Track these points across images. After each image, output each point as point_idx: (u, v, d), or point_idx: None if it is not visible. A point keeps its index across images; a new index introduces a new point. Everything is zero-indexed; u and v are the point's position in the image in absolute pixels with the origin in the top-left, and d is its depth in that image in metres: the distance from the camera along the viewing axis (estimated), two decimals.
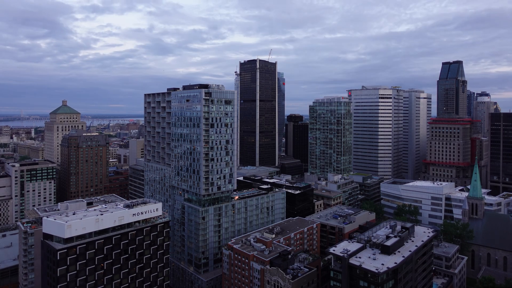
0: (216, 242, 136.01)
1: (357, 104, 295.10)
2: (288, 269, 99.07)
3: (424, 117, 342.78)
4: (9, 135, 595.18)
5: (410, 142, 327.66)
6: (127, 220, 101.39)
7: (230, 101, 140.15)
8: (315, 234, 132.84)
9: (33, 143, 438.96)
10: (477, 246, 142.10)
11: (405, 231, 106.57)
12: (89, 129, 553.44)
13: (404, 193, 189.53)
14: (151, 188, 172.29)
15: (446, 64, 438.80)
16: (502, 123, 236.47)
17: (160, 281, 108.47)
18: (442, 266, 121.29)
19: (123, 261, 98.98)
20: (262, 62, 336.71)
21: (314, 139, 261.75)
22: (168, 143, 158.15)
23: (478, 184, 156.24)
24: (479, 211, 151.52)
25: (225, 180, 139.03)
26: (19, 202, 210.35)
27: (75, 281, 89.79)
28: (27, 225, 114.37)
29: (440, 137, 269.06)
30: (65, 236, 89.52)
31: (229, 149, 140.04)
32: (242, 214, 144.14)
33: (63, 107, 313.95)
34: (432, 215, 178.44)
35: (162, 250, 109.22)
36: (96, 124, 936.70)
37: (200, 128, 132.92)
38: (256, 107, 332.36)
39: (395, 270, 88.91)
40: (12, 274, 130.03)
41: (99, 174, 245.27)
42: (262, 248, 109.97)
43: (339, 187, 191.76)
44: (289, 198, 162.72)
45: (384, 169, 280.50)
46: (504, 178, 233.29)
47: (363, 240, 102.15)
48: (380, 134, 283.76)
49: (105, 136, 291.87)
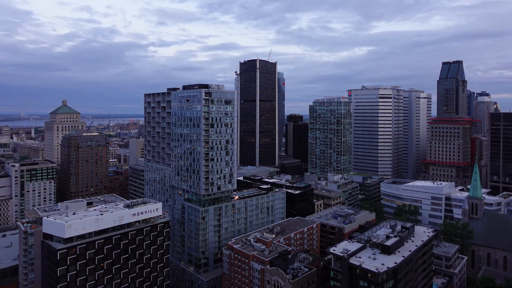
0: (216, 242, 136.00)
1: (357, 104, 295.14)
2: (288, 269, 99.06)
3: (424, 117, 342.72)
4: (9, 135, 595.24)
5: (410, 142, 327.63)
6: (127, 220, 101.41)
7: (230, 101, 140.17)
8: (315, 234, 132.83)
9: (33, 143, 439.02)
10: (477, 246, 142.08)
11: (405, 231, 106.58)
12: (89, 129, 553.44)
13: (404, 193, 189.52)
14: (151, 188, 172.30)
15: (446, 64, 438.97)
16: (502, 123, 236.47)
17: (160, 281, 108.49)
18: (442, 266, 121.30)
19: (123, 261, 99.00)
20: (262, 62, 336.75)
21: (314, 139, 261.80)
22: (168, 143, 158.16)
23: (478, 184, 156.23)
24: (479, 211, 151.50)
25: (225, 180, 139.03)
26: (19, 202, 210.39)
27: (75, 281, 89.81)
28: (27, 225, 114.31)
29: (440, 137, 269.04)
30: (65, 236, 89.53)
31: (229, 149, 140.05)
32: (242, 214, 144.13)
33: (63, 107, 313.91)
34: (432, 215, 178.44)
35: (162, 250, 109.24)
36: (96, 124, 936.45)
37: (200, 128, 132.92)
38: (256, 107, 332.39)
39: (395, 270, 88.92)
40: (12, 274, 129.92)
41: (99, 174, 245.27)
42: (262, 248, 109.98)
43: (339, 187, 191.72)
44: (289, 198, 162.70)
45: (384, 169, 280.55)
46: (504, 178, 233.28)
47: (363, 240, 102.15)
48: (380, 134, 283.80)
49: (105, 136, 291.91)
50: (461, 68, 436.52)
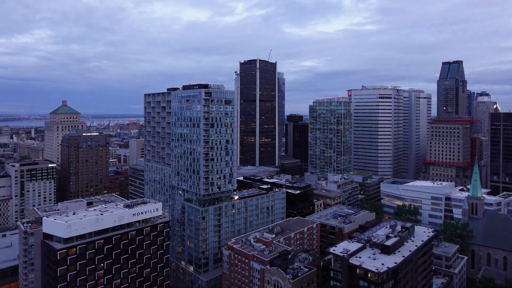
0: (216, 242, 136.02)
1: (357, 104, 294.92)
2: (288, 269, 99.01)
3: (424, 117, 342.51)
4: (9, 135, 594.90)
5: (410, 142, 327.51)
6: (127, 220, 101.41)
7: (230, 101, 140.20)
8: (315, 234, 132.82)
9: (33, 143, 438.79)
10: (477, 246, 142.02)
11: (405, 231, 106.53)
12: (89, 129, 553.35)
13: (404, 193, 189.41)
14: (151, 188, 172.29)
15: (446, 64, 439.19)
16: (502, 123, 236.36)
17: (160, 281, 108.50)
18: (442, 266, 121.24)
19: (123, 261, 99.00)
20: (262, 62, 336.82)
21: (314, 139, 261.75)
22: (168, 143, 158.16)
23: (478, 184, 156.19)
24: (479, 211, 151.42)
25: (225, 180, 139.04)
26: (19, 202, 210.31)
27: (75, 281, 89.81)
28: (27, 225, 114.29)
29: (440, 137, 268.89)
30: (65, 236, 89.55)
31: (229, 149, 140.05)
32: (242, 214, 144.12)
33: (63, 107, 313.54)
34: (432, 215, 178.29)
35: (162, 250, 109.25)
36: (96, 124, 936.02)
37: (200, 128, 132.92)
38: (256, 107, 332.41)
39: (395, 270, 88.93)
40: (12, 274, 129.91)
41: (99, 174, 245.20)
42: (262, 248, 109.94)
43: (339, 187, 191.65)
44: (289, 198, 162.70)
45: (384, 169, 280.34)
46: (504, 178, 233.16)
47: (363, 240, 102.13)
48: (380, 134, 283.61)
49: (105, 136, 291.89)
50: (461, 68, 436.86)
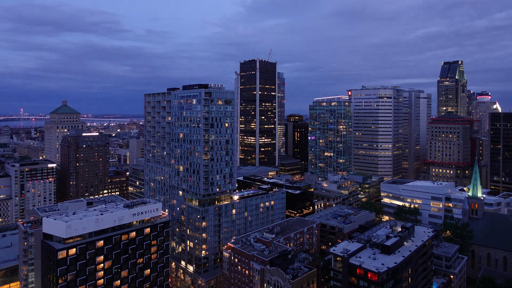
0: (216, 242, 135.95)
1: (357, 104, 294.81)
2: (288, 269, 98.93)
3: (424, 117, 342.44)
4: (9, 135, 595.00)
5: (410, 142, 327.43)
6: (127, 220, 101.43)
7: (230, 101, 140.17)
8: (315, 234, 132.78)
9: (33, 143, 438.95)
10: (477, 246, 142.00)
11: (405, 231, 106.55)
12: (89, 129, 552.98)
13: (404, 193, 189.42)
14: (151, 188, 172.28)
15: (446, 64, 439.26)
16: (502, 123, 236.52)
17: (160, 281, 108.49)
18: (442, 266, 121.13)
19: (123, 261, 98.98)
20: (262, 62, 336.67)
21: (314, 139, 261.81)
22: (168, 143, 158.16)
23: (478, 184, 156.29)
24: (479, 211, 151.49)
25: (225, 180, 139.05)
26: (19, 202, 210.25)
27: (75, 281, 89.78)
28: (27, 225, 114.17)
29: (440, 137, 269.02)
30: (65, 236, 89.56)
31: (229, 149, 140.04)
32: (242, 214, 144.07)
33: (63, 107, 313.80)
34: (432, 215, 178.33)
35: (162, 250, 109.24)
36: (96, 124, 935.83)
37: (200, 128, 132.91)
38: (256, 107, 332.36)
39: (395, 270, 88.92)
40: (12, 274, 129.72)
41: (99, 174, 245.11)
42: (262, 248, 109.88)
43: (339, 187, 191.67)
44: (289, 198, 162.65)
45: (384, 169, 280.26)
46: (504, 178, 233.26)
47: (363, 240, 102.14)
48: (380, 134, 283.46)
49: (105, 136, 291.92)
50: (461, 68, 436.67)
